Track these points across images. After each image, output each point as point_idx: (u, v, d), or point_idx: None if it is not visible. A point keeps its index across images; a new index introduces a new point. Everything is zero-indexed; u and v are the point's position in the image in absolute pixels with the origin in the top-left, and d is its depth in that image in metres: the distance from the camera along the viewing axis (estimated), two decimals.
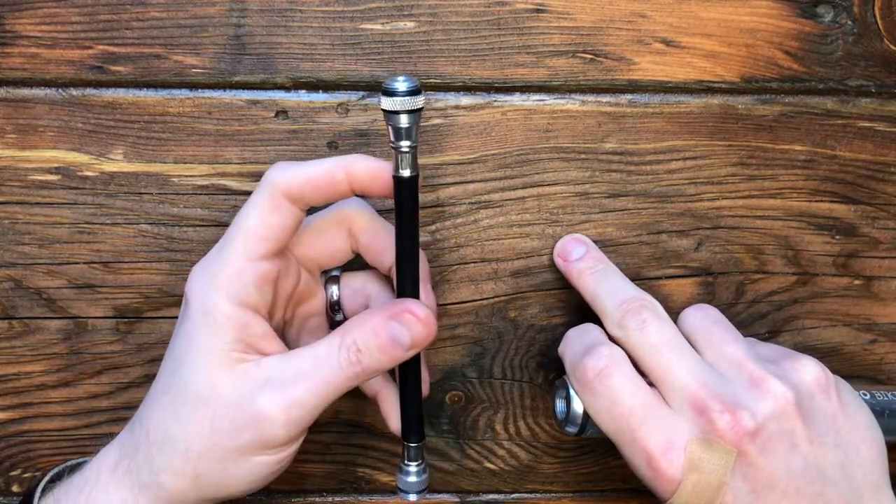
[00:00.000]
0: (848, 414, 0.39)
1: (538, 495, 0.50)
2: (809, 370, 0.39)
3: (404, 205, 0.38)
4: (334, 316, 0.44)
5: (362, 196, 0.41)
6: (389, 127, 0.36)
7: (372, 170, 0.38)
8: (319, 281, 0.43)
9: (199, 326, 0.38)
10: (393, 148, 0.37)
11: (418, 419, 0.41)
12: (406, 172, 0.37)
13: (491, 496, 0.49)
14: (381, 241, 0.41)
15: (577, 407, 0.41)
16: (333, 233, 0.41)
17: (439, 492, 0.49)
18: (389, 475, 0.49)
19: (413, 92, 0.35)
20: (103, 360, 0.46)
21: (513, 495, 0.50)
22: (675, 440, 0.37)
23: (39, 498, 0.40)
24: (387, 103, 0.36)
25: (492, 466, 0.49)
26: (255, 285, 0.38)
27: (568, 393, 0.41)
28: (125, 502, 0.38)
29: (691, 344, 0.41)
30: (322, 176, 0.38)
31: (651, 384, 0.39)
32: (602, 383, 0.39)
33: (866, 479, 0.38)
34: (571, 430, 0.42)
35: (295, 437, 0.38)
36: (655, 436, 0.38)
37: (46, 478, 0.41)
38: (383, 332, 0.38)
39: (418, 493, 0.42)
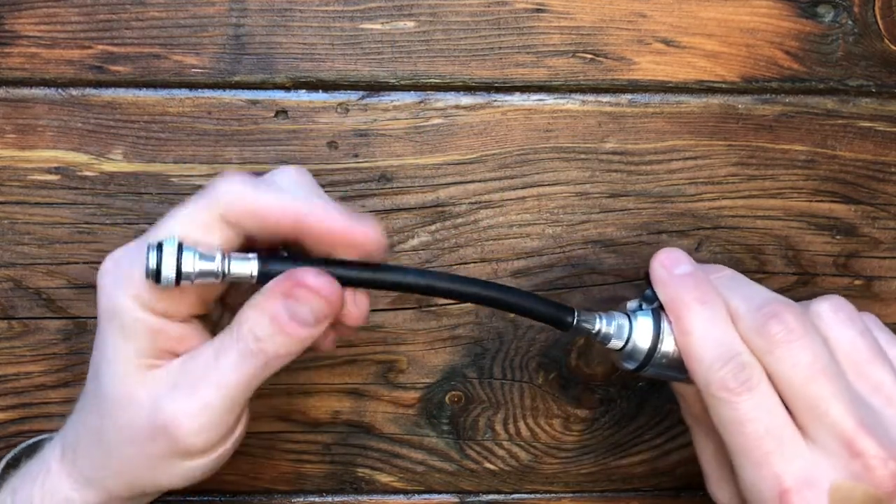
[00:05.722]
0: None
1: (538, 496, 0.50)
2: None
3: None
4: None
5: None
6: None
7: (330, 230, 0.34)
8: None
9: (108, 332, 0.36)
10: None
11: (547, 302, 0.38)
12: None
13: (491, 496, 0.49)
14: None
15: (642, 341, 0.37)
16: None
17: (439, 492, 0.49)
18: (389, 475, 0.49)
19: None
20: None
21: (513, 496, 0.49)
22: (817, 478, 0.34)
23: None
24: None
25: (492, 467, 0.49)
26: (167, 294, 0.34)
27: (657, 326, 0.37)
28: (75, 492, 0.38)
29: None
30: (270, 214, 0.34)
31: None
32: (741, 396, 0.35)
33: None
34: (629, 365, 0.39)
35: (216, 441, 0.35)
36: (793, 466, 0.35)
37: (2, 463, 0.41)
38: (281, 315, 0.33)
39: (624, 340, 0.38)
